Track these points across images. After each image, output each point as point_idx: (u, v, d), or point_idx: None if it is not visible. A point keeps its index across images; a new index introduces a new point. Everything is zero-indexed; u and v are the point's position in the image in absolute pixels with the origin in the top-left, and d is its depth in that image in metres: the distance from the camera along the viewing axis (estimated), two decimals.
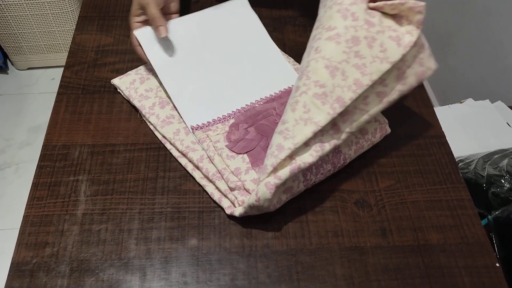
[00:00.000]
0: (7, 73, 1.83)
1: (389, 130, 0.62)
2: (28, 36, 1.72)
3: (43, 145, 0.62)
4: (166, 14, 0.68)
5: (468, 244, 0.55)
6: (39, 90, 1.77)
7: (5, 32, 1.70)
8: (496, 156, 0.84)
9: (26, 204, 0.57)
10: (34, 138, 1.63)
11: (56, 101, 0.67)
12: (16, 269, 0.52)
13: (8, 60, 1.85)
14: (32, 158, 1.57)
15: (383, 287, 0.51)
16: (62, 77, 0.70)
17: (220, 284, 0.51)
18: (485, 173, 0.77)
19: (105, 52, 0.74)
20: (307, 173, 0.55)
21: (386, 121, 0.62)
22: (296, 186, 0.55)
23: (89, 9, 0.81)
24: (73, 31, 0.77)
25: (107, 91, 0.69)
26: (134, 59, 0.72)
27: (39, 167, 0.60)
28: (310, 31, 0.56)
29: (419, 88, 0.72)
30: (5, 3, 1.60)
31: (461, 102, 1.15)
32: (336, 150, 0.57)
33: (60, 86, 0.69)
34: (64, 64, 0.72)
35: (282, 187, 0.52)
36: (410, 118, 0.67)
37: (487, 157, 0.84)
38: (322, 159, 0.56)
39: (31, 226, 0.55)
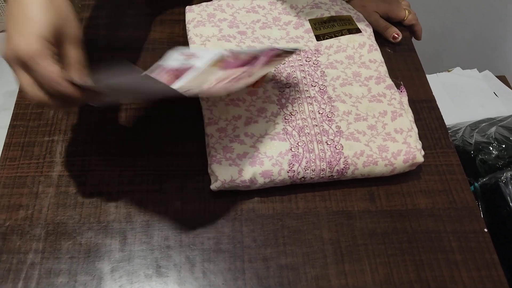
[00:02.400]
0: None
1: (420, 159, 0.54)
2: None
3: (15, 104, 0.59)
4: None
5: (457, 209, 0.54)
6: None
7: None
8: (483, 124, 0.83)
9: None
10: (11, 103, 1.56)
11: None
12: None
13: None
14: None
15: (370, 251, 0.50)
16: None
17: (204, 248, 0.49)
18: (473, 141, 0.76)
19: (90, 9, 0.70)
20: (294, 163, 0.52)
21: (419, 147, 0.55)
22: (277, 173, 0.52)
23: None
24: None
25: None
26: None
27: (12, 126, 0.57)
28: None
29: (410, 52, 0.70)
30: None
31: (448, 71, 1.14)
32: (336, 150, 0.53)
33: None
34: None
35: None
36: (400, 84, 0.66)
37: (475, 125, 0.84)
38: (314, 154, 0.52)
39: (3, 188, 0.52)
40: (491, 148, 0.74)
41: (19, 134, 0.56)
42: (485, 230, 0.53)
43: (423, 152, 0.55)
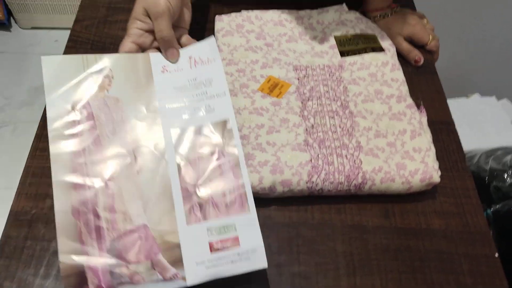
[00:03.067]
0: (10, 31, 1.80)
1: (437, 179, 0.55)
2: None
3: (46, 99, 0.61)
4: (177, 27, 0.59)
5: (470, 232, 0.55)
6: (41, 50, 1.74)
7: None
8: (499, 152, 0.84)
9: (28, 155, 0.56)
10: (34, 99, 1.61)
11: (63, 54, 0.66)
12: (15, 218, 0.51)
13: (12, 18, 1.81)
14: (31, 119, 1.56)
15: (382, 266, 0.51)
16: (72, 30, 0.69)
17: None
18: (488, 167, 0.76)
19: (116, 10, 0.72)
20: (313, 174, 0.53)
21: (437, 168, 0.56)
22: (296, 183, 0.53)
23: None
24: None
25: (117, 48, 0.67)
26: None
27: (43, 119, 0.59)
28: None
29: (432, 75, 0.71)
30: None
31: (467, 97, 1.15)
32: (355, 164, 0.54)
33: (69, 40, 0.68)
34: (69, 26, 0.70)
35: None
36: (420, 104, 0.67)
37: (490, 153, 0.84)
38: (334, 166, 0.54)
39: (32, 177, 0.54)
40: (505, 176, 0.74)
41: None
42: (496, 255, 0.53)
43: (440, 173, 0.56)
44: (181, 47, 0.58)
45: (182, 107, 0.53)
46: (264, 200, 0.54)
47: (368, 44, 0.69)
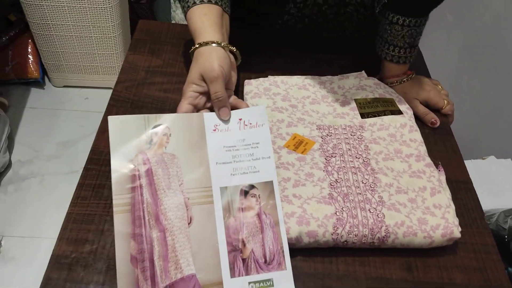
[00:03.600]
0: (44, 89, 1.91)
1: (457, 235, 0.57)
2: (68, 55, 1.82)
3: (91, 150, 0.66)
4: (226, 89, 0.63)
5: (491, 287, 0.56)
6: (72, 107, 1.84)
7: (48, 50, 1.80)
8: None
9: (71, 202, 0.60)
10: (62, 152, 1.68)
11: (106, 111, 0.72)
12: (56, 262, 0.54)
13: (46, 76, 1.94)
14: (58, 171, 1.62)
15: None
16: (114, 90, 0.75)
17: None
18: (507, 226, 0.78)
19: (154, 73, 0.79)
20: (338, 226, 0.56)
21: (457, 223, 0.58)
22: (321, 235, 0.56)
23: (143, 33, 0.87)
24: (113, 56, 0.82)
25: (154, 107, 0.73)
26: (182, 81, 0.77)
27: (86, 169, 0.63)
28: None
29: (449, 136, 0.75)
30: (52, 22, 1.71)
31: (483, 159, 1.18)
32: (378, 218, 0.57)
33: (111, 99, 0.74)
34: (99, 85, 0.77)
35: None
36: (438, 163, 0.70)
37: (509, 212, 0.86)
38: (358, 220, 0.57)
39: (73, 223, 0.58)
40: None
41: (91, 176, 0.63)
42: None
43: (460, 229, 0.58)
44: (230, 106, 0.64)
45: (230, 165, 0.58)
46: (291, 251, 0.57)
47: (387, 107, 0.74)
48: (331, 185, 0.60)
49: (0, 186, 1.56)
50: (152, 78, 0.78)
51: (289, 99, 0.74)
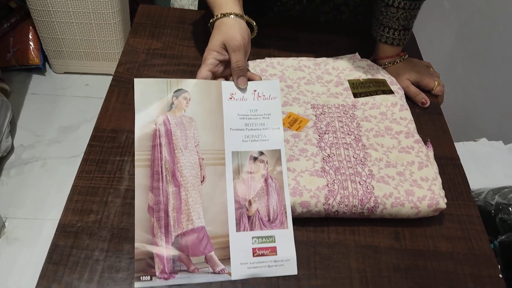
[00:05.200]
0: (45, 75, 1.93)
1: (443, 206, 0.60)
2: (69, 42, 1.83)
3: (94, 127, 0.69)
4: None
5: (475, 255, 0.59)
6: (72, 93, 1.86)
7: (48, 36, 1.82)
8: (506, 189, 0.88)
9: (75, 176, 0.63)
10: (63, 137, 1.71)
11: (108, 92, 0.74)
12: (62, 230, 0.57)
13: (47, 63, 1.96)
14: (59, 156, 1.65)
15: (393, 283, 0.56)
16: (115, 72, 0.78)
17: None
18: (494, 202, 0.81)
19: (154, 55, 0.82)
20: (329, 197, 0.59)
21: (443, 195, 0.61)
22: (313, 205, 0.59)
23: (143, 17, 0.90)
24: (113, 42, 0.84)
25: None
26: (181, 63, 0.80)
27: (89, 146, 0.66)
28: None
29: (439, 116, 0.78)
30: (53, 9, 1.72)
31: (475, 141, 1.21)
32: (367, 190, 0.60)
33: (113, 80, 0.76)
34: (99, 72, 0.79)
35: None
36: (427, 140, 0.73)
37: (497, 190, 0.89)
38: (348, 191, 0.60)
39: (78, 195, 0.61)
40: (510, 209, 0.79)
41: (95, 152, 0.65)
42: (500, 276, 0.57)
43: (445, 200, 0.61)
44: None
45: (242, 132, 0.63)
46: None
47: (379, 87, 0.76)
48: (324, 159, 0.63)
49: (3, 170, 1.59)
50: (152, 60, 0.81)
51: (285, 79, 0.77)
